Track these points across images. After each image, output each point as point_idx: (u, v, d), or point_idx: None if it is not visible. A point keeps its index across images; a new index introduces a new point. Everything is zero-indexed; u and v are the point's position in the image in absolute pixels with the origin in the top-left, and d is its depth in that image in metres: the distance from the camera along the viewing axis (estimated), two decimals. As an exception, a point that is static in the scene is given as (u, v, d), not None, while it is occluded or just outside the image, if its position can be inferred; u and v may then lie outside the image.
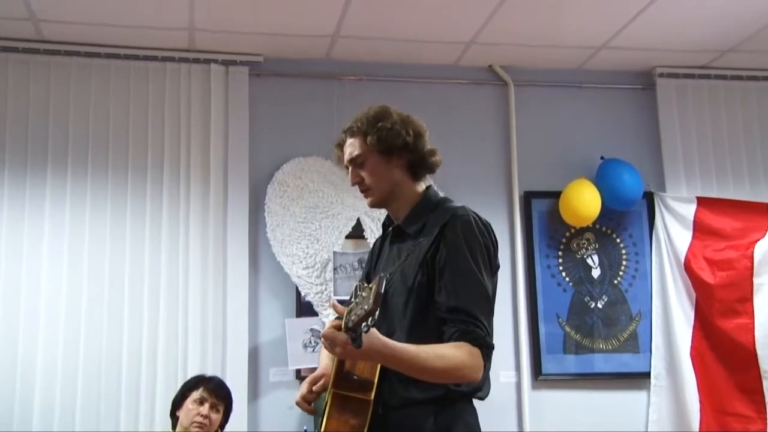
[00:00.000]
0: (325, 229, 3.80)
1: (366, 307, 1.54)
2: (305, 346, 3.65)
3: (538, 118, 4.15)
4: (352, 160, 1.98)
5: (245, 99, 3.83)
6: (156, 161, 3.72)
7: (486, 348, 1.77)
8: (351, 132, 1.98)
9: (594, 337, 3.96)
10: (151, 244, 3.65)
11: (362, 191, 2.00)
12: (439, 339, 1.78)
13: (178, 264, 3.65)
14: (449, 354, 1.73)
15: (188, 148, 3.76)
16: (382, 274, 1.60)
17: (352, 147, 1.97)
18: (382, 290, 1.55)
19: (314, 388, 1.95)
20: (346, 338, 1.61)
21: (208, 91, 3.80)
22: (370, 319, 1.55)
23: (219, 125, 3.78)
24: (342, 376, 1.80)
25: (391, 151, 1.93)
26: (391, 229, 2.06)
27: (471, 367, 1.74)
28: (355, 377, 1.80)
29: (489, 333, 1.79)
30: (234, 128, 3.80)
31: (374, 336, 1.64)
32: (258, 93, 3.90)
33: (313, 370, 2.06)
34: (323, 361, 2.01)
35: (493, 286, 1.87)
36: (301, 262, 3.73)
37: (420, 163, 1.98)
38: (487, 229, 1.88)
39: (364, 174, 1.96)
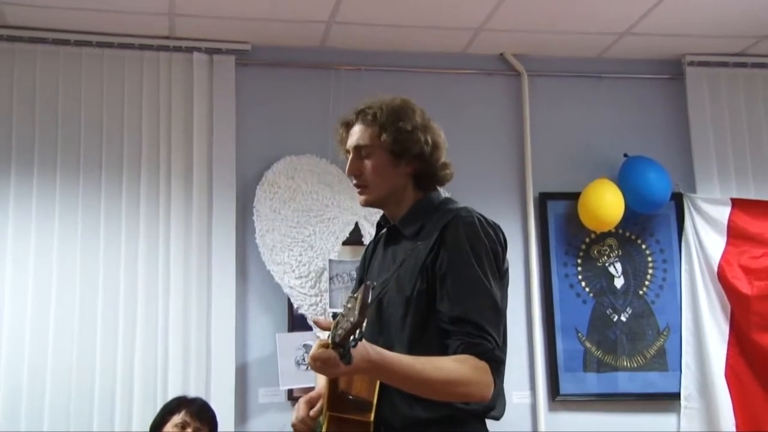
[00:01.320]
0: (319, 234, 3.78)
1: (352, 319, 1.53)
2: (298, 364, 3.63)
3: (554, 112, 4.14)
4: (357, 148, 1.95)
5: (231, 91, 3.81)
6: (132, 160, 3.71)
7: (495, 362, 1.74)
8: (365, 118, 1.95)
9: (617, 353, 3.93)
10: (127, 250, 3.63)
11: (357, 186, 1.97)
12: (443, 353, 1.76)
13: (157, 273, 3.63)
14: (450, 367, 1.70)
15: (168, 145, 3.74)
16: (368, 282, 1.57)
17: (361, 134, 1.94)
18: (369, 300, 1.54)
19: (311, 412, 1.91)
20: (335, 355, 1.58)
21: (190, 83, 3.78)
22: (357, 331, 1.54)
23: (202, 120, 3.76)
24: (337, 396, 1.78)
25: (403, 156, 1.92)
26: (385, 229, 2.04)
27: (477, 383, 1.71)
28: (351, 397, 1.79)
29: (498, 345, 1.76)
30: (219, 124, 3.79)
31: (363, 347, 1.62)
32: (245, 85, 3.88)
33: (307, 390, 2.05)
34: (320, 380, 1.98)
35: (501, 293, 1.84)
36: (293, 271, 3.71)
37: (429, 175, 1.96)
38: (494, 231, 1.87)
39: (365, 167, 1.94)
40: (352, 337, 1.55)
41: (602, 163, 4.01)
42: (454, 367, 1.70)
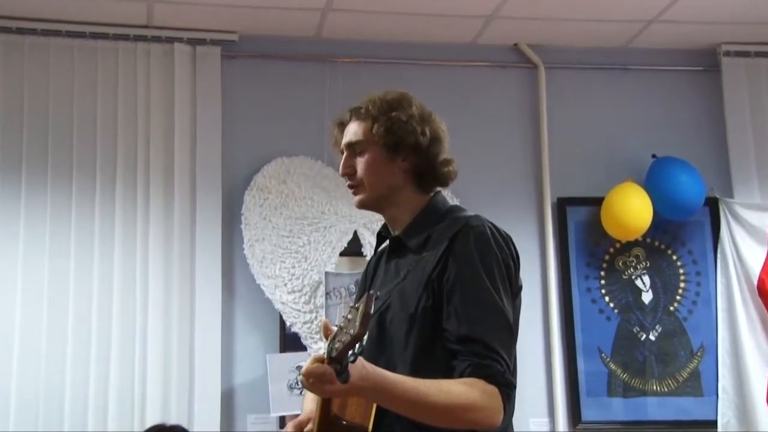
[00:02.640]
0: (315, 244, 3.77)
1: (351, 331, 1.52)
2: (291, 388, 3.61)
3: (574, 108, 4.12)
4: (350, 146, 1.96)
5: (217, 86, 3.80)
6: (107, 164, 3.68)
7: (506, 386, 1.72)
8: (358, 114, 1.97)
9: (646, 376, 3.92)
10: (100, 262, 3.61)
11: (351, 186, 1.98)
12: (450, 376, 1.75)
13: (134, 287, 3.61)
14: (456, 390, 1.69)
15: (147, 147, 3.72)
16: (371, 292, 1.56)
17: (354, 131, 1.96)
18: (371, 311, 1.53)
19: None
20: (331, 371, 1.56)
21: (170, 77, 3.76)
22: (357, 345, 1.54)
23: (184, 119, 3.75)
24: (329, 420, 1.75)
25: (398, 149, 1.92)
26: (388, 241, 2.03)
27: (485, 408, 1.70)
28: (345, 423, 1.76)
29: (509, 368, 1.75)
30: (203, 122, 3.77)
31: (361, 364, 1.61)
32: (232, 79, 3.88)
33: (301, 417, 2.03)
34: (309, 403, 1.97)
35: (514, 310, 1.84)
36: (285, 284, 3.71)
37: (429, 172, 1.96)
38: (506, 242, 1.86)
39: (358, 165, 1.95)
40: (350, 352, 1.55)
41: (628, 164, 4.00)
42: (460, 391, 1.69)
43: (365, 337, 1.54)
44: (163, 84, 3.75)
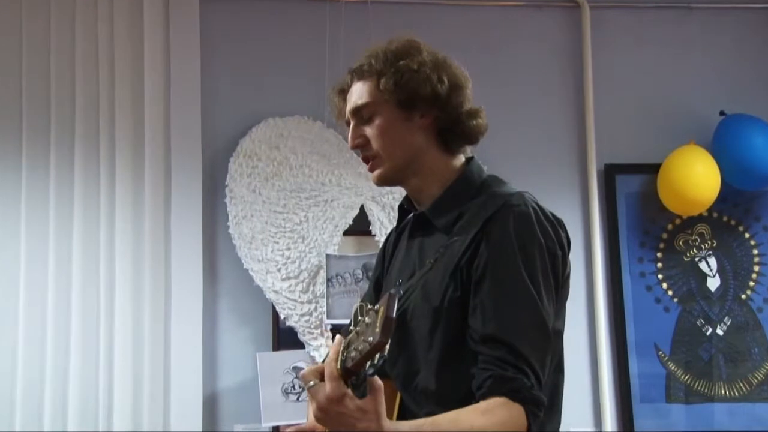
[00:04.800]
0: (313, 222, 3.77)
1: (371, 339, 1.54)
2: (286, 393, 3.64)
3: (625, 56, 4.11)
4: (356, 112, 1.98)
5: (195, 32, 3.78)
6: (63, 127, 3.67)
7: (532, 404, 1.74)
8: (360, 72, 1.98)
9: (712, 378, 3.92)
10: (57, 245, 3.60)
11: (366, 159, 1.99)
12: None
13: (98, 275, 3.61)
14: (476, 423, 1.71)
15: (111, 106, 3.69)
16: (393, 290, 1.58)
17: (358, 93, 1.98)
18: (394, 313, 1.54)
19: None
20: (344, 390, 1.62)
21: (138, 21, 3.73)
22: (377, 356, 1.56)
23: (156, 71, 3.72)
24: None
25: (414, 104, 1.94)
26: (411, 216, 2.06)
27: None
28: None
29: (539, 380, 1.76)
30: (179, 75, 3.74)
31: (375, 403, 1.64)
32: (213, 23, 3.87)
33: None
34: (312, 413, 1.96)
35: (556, 310, 1.86)
36: (279, 270, 3.70)
37: (454, 127, 1.97)
38: (554, 227, 1.87)
39: (370, 133, 1.97)
40: (369, 363, 1.57)
41: (691, 124, 4.00)
42: (480, 424, 1.71)
43: (387, 347, 1.56)
44: (129, 29, 3.72)
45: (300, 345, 3.67)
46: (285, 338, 3.71)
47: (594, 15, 4.05)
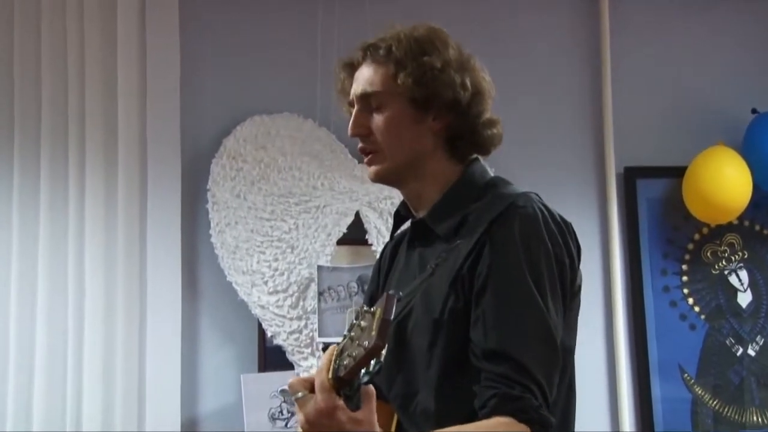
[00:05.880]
0: (304, 230, 3.75)
1: (366, 343, 1.55)
2: (273, 419, 3.64)
3: (647, 48, 4.09)
4: (364, 98, 1.97)
5: (174, 19, 3.76)
6: (28, 122, 3.65)
7: (540, 425, 1.73)
8: (376, 54, 1.97)
9: (743, 404, 3.91)
10: (20, 255, 3.58)
11: (364, 152, 1.99)
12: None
13: (65, 288, 3.59)
14: None
15: (81, 101, 3.67)
16: (391, 291, 1.59)
17: (370, 78, 1.97)
18: (392, 315, 1.55)
19: None
20: (336, 402, 1.62)
21: (112, 7, 3.71)
22: (372, 362, 1.58)
23: (130, 60, 3.70)
24: None
25: (429, 106, 1.94)
26: (409, 224, 2.07)
27: None
28: None
29: (547, 399, 1.76)
30: (156, 67, 3.73)
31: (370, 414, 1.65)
32: (195, 10, 3.85)
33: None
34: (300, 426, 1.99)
35: (569, 317, 1.87)
36: (266, 283, 3.69)
37: (468, 137, 1.98)
38: (562, 231, 1.87)
39: (375, 123, 1.97)
40: (364, 370, 1.59)
41: (719, 122, 4.00)
42: None
43: (384, 352, 1.56)
44: (101, 15, 3.70)
45: (289, 366, 3.66)
46: (272, 358, 3.71)
47: (612, 3, 4.04)
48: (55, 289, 3.57)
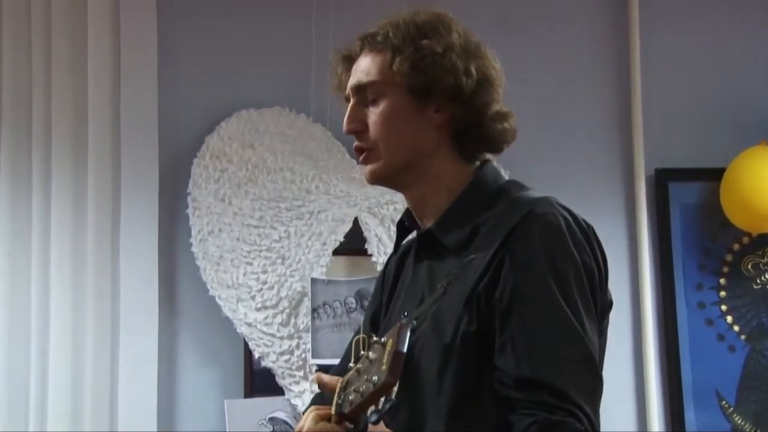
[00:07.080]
0: (296, 238, 3.75)
1: (376, 377, 1.56)
2: None
3: (680, 39, 4.07)
4: (359, 89, 1.97)
5: (151, 7, 3.78)
6: None
7: None
8: (373, 43, 1.97)
9: None
10: None
11: (359, 150, 1.99)
12: None
13: (29, 305, 3.59)
14: None
15: (47, 96, 3.68)
16: (404, 320, 1.63)
17: (365, 68, 1.98)
18: (405, 347, 1.58)
19: None
20: None
21: None
22: (382, 400, 1.57)
23: (102, 51, 3.71)
24: None
25: (429, 94, 1.93)
26: (416, 235, 2.06)
27: None
28: None
29: (593, 424, 1.75)
30: (131, 56, 3.74)
31: None
32: None
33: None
34: None
35: (601, 338, 1.86)
36: (253, 298, 3.68)
37: (473, 130, 1.96)
38: (587, 237, 1.87)
39: (371, 117, 1.96)
40: (372, 409, 1.58)
41: (761, 120, 3.96)
42: None
43: (395, 389, 1.57)
44: (73, 3, 3.70)
45: (278, 391, 3.66)
46: (260, 382, 3.70)
47: (643, -9, 3.99)
48: (15, 303, 3.58)
